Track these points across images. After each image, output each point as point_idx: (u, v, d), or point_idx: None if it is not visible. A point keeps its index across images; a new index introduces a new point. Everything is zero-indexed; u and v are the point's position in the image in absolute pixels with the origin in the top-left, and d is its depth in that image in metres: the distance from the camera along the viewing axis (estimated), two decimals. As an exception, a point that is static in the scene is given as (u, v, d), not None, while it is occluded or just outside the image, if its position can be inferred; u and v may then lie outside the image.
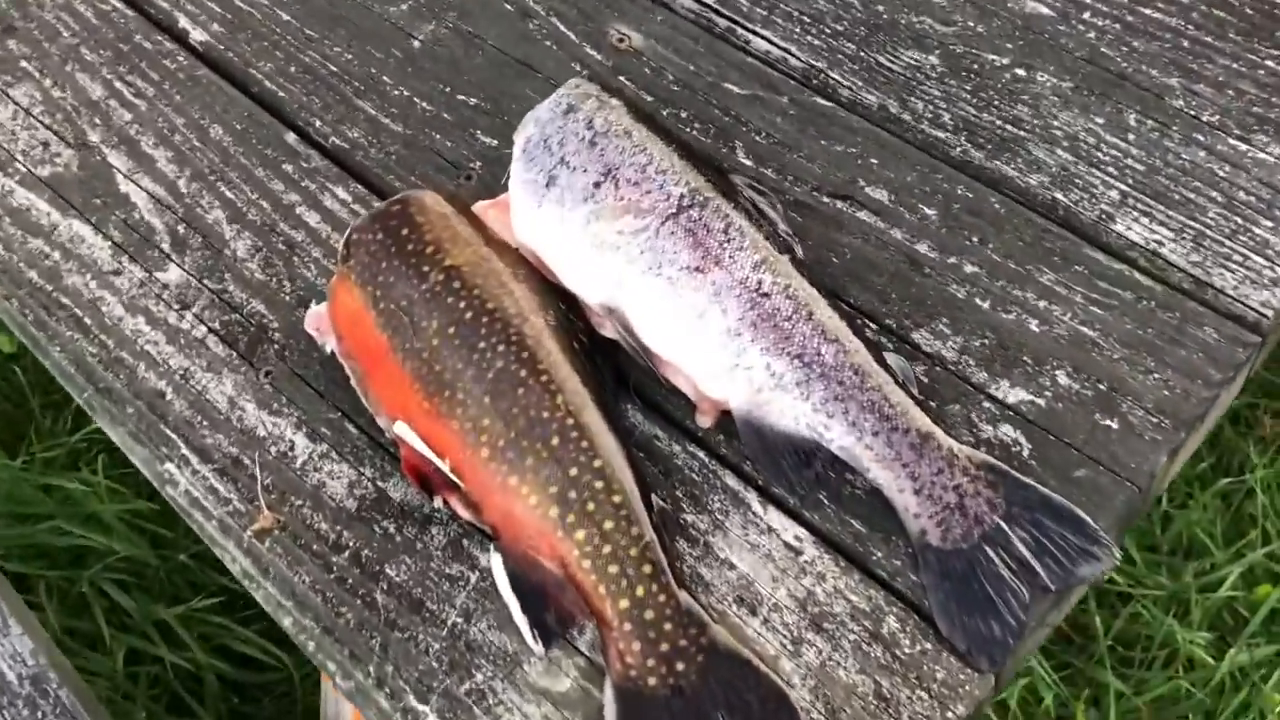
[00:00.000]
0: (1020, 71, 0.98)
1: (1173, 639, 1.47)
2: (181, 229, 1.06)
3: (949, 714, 0.74)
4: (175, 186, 1.09)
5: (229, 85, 1.15)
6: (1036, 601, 0.77)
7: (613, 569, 0.80)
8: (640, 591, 0.79)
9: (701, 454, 0.87)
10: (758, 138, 1.00)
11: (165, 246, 1.06)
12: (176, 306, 1.02)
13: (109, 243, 1.06)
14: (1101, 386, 0.83)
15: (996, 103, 0.97)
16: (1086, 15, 0.99)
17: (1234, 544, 1.56)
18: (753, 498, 0.85)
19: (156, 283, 1.04)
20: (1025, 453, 0.82)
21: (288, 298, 1.01)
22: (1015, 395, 0.84)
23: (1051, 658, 1.50)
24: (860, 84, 1.01)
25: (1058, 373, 0.84)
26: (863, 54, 1.02)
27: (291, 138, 1.10)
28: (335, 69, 1.15)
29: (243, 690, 1.49)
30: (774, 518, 0.83)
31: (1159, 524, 1.60)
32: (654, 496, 0.84)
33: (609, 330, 0.90)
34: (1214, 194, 0.89)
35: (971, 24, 1.00)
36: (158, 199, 1.09)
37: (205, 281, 1.03)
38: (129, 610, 1.45)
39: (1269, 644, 1.46)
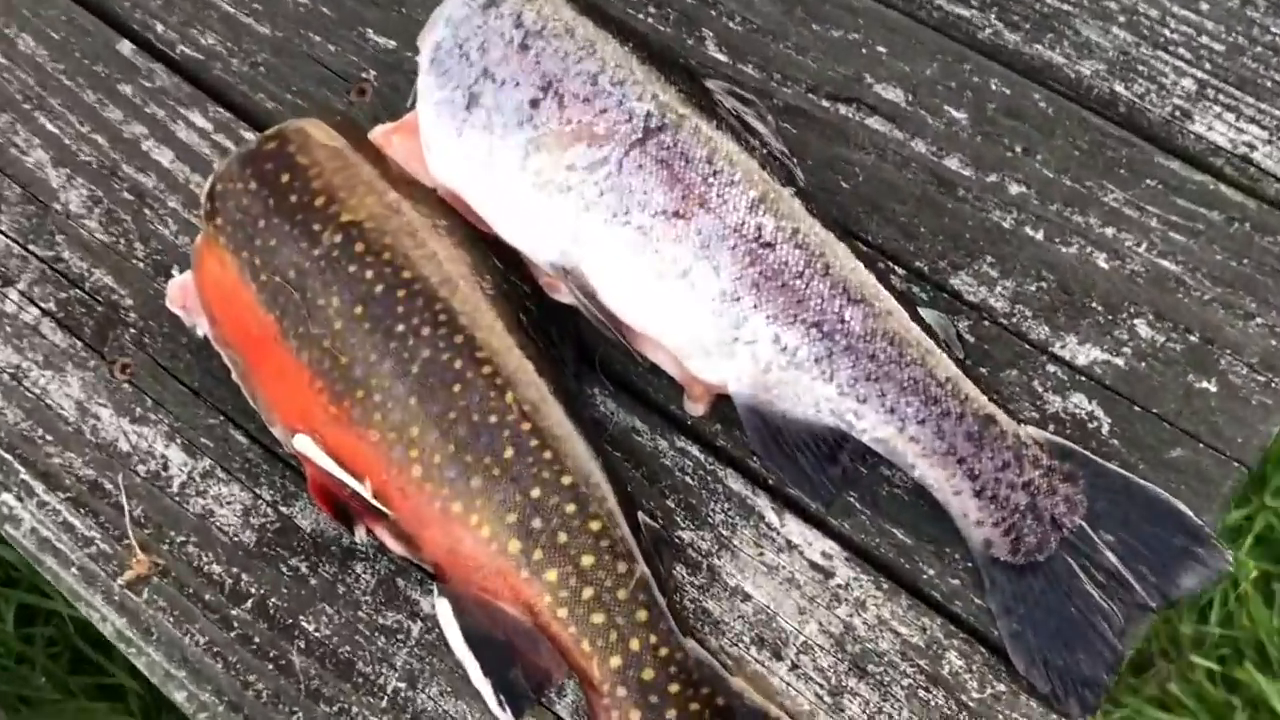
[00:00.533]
0: (1058, -76, 0.78)
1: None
2: (-9, 176, 0.83)
3: (1036, 779, 0.59)
4: (-22, 118, 0.85)
5: (37, -23, 0.89)
6: (1134, 623, 0.61)
7: (597, 618, 0.63)
8: (635, 645, 0.62)
9: (695, 450, 0.69)
10: (731, 23, 0.79)
11: (-27, 202, 0.82)
12: (-4, 283, 0.79)
13: (-103, 200, 0.82)
14: (1193, 338, 0.67)
15: (1031, -34, 0.77)
16: None
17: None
18: (764, 503, 0.67)
19: (-34, 251, 0.80)
20: (1105, 429, 0.66)
21: (141, 265, 0.79)
22: (1086, 354, 0.67)
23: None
24: (855, -54, 0.80)
25: (1137, 322, 0.67)
26: (855, -93, 0.80)
27: (127, 47, 0.86)
28: (175, -49, 0.89)
29: None
30: (793, 529, 0.66)
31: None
32: (641, 515, 0.66)
33: (564, 295, 0.71)
34: (1314, 77, 0.71)
35: None
36: (-43, 136, 0.84)
37: (31, 247, 0.80)
38: (15, 563, 1.26)
39: (1238, 509, 1.38)
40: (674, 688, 0.62)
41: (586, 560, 0.64)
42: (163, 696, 1.30)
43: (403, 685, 0.66)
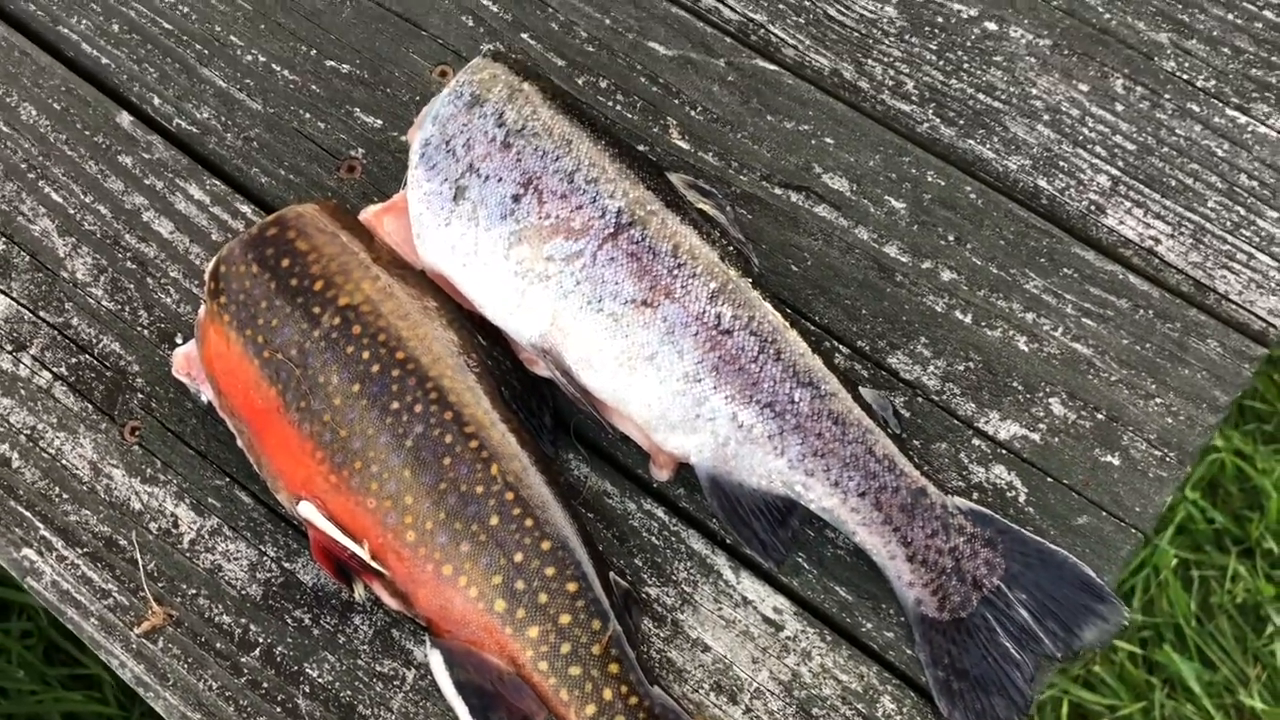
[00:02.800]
0: (991, 25, 0.87)
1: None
2: (1, 243, 0.89)
3: (956, 808, 0.69)
4: (-14, 188, 0.91)
5: (37, 49, 0.95)
6: (1042, 671, 0.71)
7: (574, 670, 0.72)
8: (608, 695, 0.72)
9: (660, 512, 0.78)
10: (693, 112, 0.88)
11: (-16, 269, 0.89)
12: (9, 347, 0.86)
13: (-89, 266, 0.89)
14: (1100, 415, 0.76)
15: (966, 65, 0.86)
16: (1062, -47, 0.87)
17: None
18: (722, 562, 0.77)
19: (-21, 317, 0.87)
20: (1022, 498, 0.75)
21: (146, 332, 0.86)
22: (1007, 430, 0.77)
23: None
24: (808, 41, 0.88)
25: (1051, 400, 0.77)
26: (808, 2, 0.89)
27: (126, 119, 0.93)
28: (169, 26, 0.96)
29: None
30: (748, 586, 0.76)
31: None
32: (612, 574, 0.75)
33: (543, 370, 0.79)
34: (1213, 178, 0.81)
35: (932, -36, 0.88)
36: (-35, 205, 0.91)
37: (41, 314, 0.87)
38: None
39: None
40: (642, 731, 0.72)
41: (564, 619, 0.73)
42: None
43: (399, 727, 0.75)
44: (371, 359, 0.77)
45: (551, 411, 0.82)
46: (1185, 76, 0.84)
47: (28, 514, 0.82)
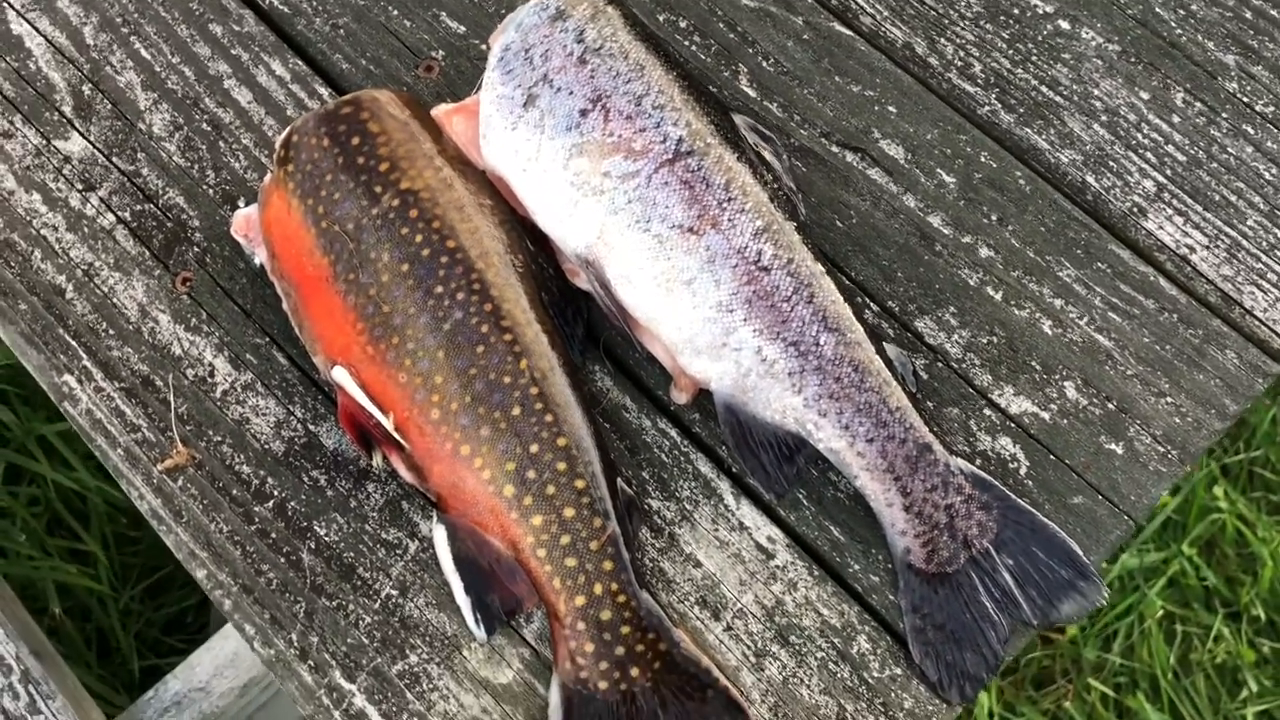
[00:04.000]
0: (1064, 24, 0.90)
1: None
2: (87, 89, 0.94)
3: (913, 749, 0.73)
4: (79, 35, 0.96)
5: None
6: (1017, 635, 0.75)
7: (570, 562, 0.76)
8: (598, 589, 0.75)
9: (674, 432, 0.82)
10: (765, 63, 0.91)
11: (67, 110, 0.93)
12: (80, 186, 0.91)
13: (-2, 97, 0.93)
14: (1111, 405, 0.79)
15: (1035, 58, 0.89)
16: (1145, -36, 0.90)
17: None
18: (725, 488, 0.80)
19: (56, 153, 0.92)
20: (1023, 471, 0.78)
21: (211, 191, 0.91)
22: (1019, 405, 0.80)
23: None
24: (886, 13, 0.92)
25: (1067, 384, 0.80)
26: (892, -23, 0.92)
27: (223, -9, 0.97)
28: (277, -91, 1.00)
29: (132, 515, 1.45)
30: (747, 513, 0.79)
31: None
32: (620, 481, 0.79)
33: (582, 282, 0.83)
34: (1256, 199, 0.84)
35: (1017, -43, 0.91)
36: (58, 48, 0.96)
37: (115, 159, 0.92)
38: (8, 424, 1.37)
39: (1157, 551, 1.51)
40: (625, 629, 0.75)
41: (569, 512, 0.77)
42: (128, 569, 1.42)
43: (395, 593, 0.79)
44: (423, 243, 0.80)
45: (585, 324, 0.85)
46: (1245, 99, 0.87)
47: (74, 343, 0.86)
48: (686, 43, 0.93)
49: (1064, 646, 1.55)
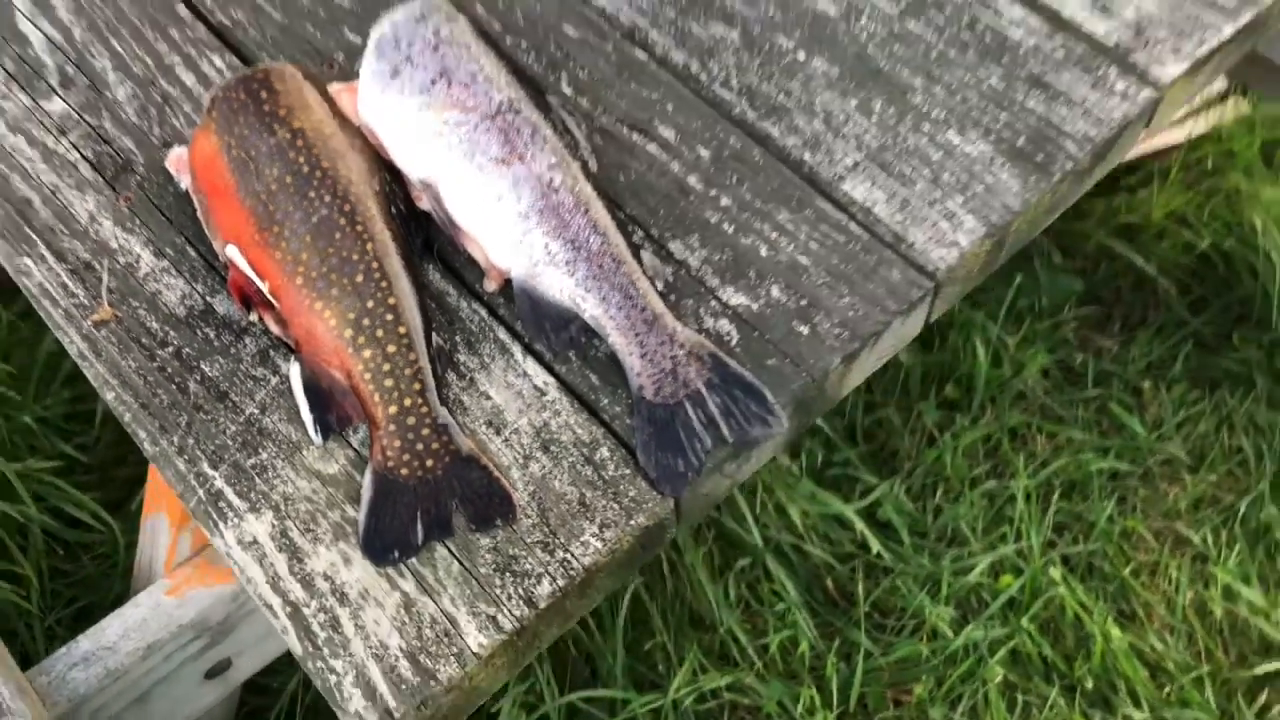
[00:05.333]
0: (800, 55, 1.24)
1: (922, 611, 1.73)
2: (70, 69, 1.25)
3: (632, 521, 0.97)
4: (70, 33, 1.28)
5: (133, -45, 1.34)
6: (717, 449, 1.01)
7: (388, 383, 1.02)
8: (407, 402, 1.01)
9: (482, 311, 1.10)
10: (581, 73, 1.24)
11: (53, 82, 1.24)
12: (55, 133, 1.20)
13: (1, 71, 1.24)
14: (804, 302, 1.08)
15: (776, 76, 1.22)
16: (863, 19, 1.25)
17: (990, 538, 1.83)
18: (517, 349, 1.07)
19: (41, 110, 1.22)
20: (734, 341, 1.06)
21: (155, 140, 1.20)
22: (737, 299, 1.08)
23: (815, 615, 1.75)
24: (672, 44, 1.25)
25: (773, 287, 1.09)
26: (679, 21, 1.26)
27: (182, 9, 1.30)
28: (231, -42, 1.35)
29: (67, 547, 1.63)
30: (530, 366, 1.06)
31: (931, 514, 1.88)
32: (435, 335, 1.06)
33: (424, 203, 1.12)
34: (925, 172, 1.15)
35: (771, 12, 1.25)
36: (53, 41, 1.27)
37: (85, 116, 1.22)
38: None
39: (1002, 626, 1.72)
40: (425, 431, 1.01)
41: (391, 348, 1.03)
42: (58, 597, 1.57)
43: (257, 411, 1.04)
44: (304, 163, 1.10)
45: (425, 236, 1.14)
46: (925, 109, 1.20)
47: (35, 237, 1.14)
48: (525, 57, 1.26)
49: (912, 709, 1.76)
